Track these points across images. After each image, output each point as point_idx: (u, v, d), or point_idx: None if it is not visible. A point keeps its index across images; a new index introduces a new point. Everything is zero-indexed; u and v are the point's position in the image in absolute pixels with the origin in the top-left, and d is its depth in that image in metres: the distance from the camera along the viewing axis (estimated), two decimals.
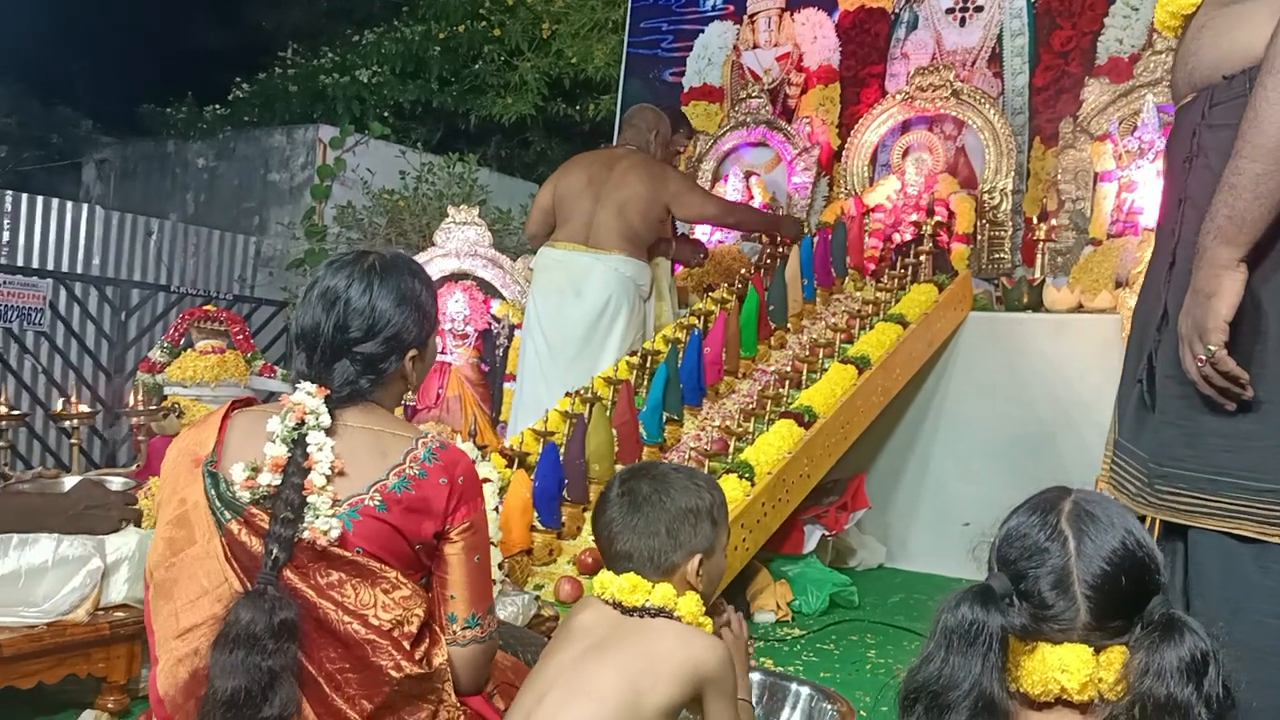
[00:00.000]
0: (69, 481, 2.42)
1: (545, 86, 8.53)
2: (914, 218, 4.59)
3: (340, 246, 6.98)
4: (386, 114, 8.42)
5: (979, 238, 4.68)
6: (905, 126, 5.05)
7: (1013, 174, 4.75)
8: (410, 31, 8.76)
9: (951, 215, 4.59)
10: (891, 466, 4.32)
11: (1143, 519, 1.52)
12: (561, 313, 4.04)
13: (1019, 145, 4.83)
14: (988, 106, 4.82)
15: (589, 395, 3.49)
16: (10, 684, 2.11)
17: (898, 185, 4.81)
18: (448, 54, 8.74)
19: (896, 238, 4.65)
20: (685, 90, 5.97)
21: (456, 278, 5.17)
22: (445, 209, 5.47)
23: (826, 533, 3.66)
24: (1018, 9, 5.07)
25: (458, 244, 5.17)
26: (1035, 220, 4.57)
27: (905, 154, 4.96)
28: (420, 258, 5.20)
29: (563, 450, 3.24)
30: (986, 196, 4.74)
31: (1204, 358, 1.41)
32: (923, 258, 4.33)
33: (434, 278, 5.16)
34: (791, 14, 5.66)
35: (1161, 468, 1.51)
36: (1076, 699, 1.12)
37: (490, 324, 5.14)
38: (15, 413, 3.53)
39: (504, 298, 5.10)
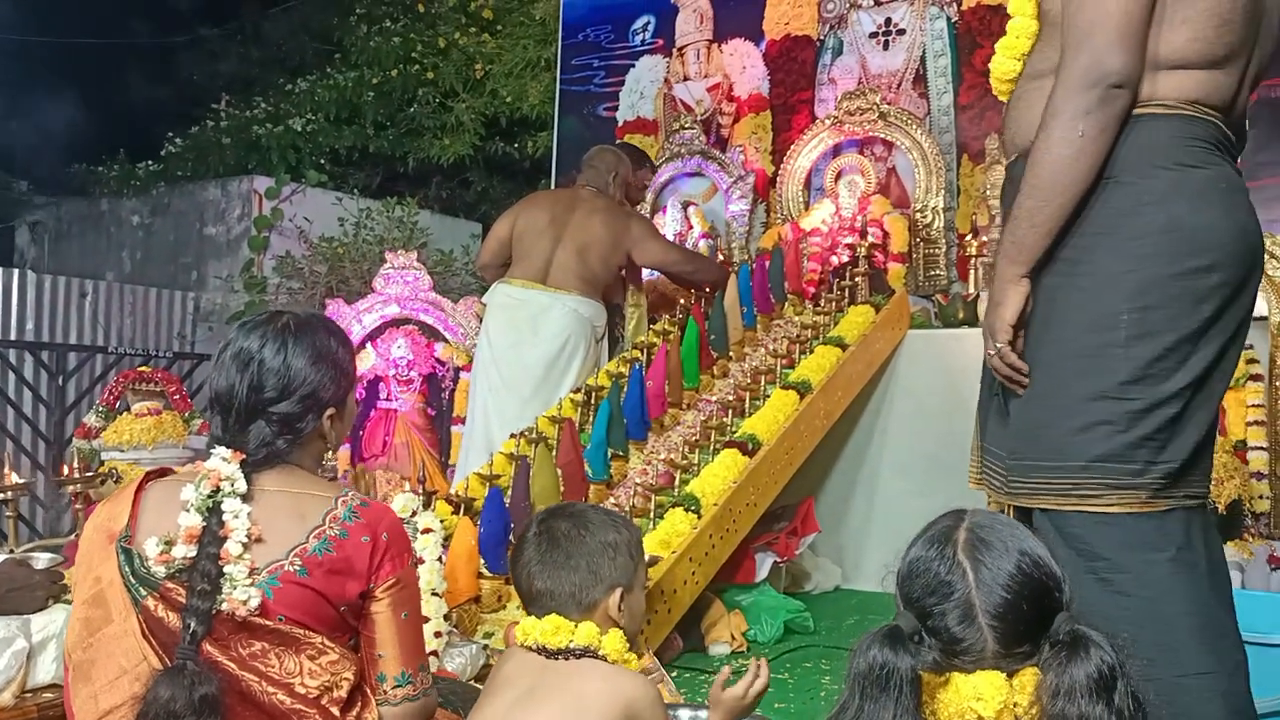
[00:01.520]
0: None
1: (482, 126, 8.55)
2: (849, 240, 4.64)
3: (281, 297, 6.90)
4: (323, 161, 8.37)
5: (914, 256, 4.74)
6: (836, 150, 5.10)
7: (943, 192, 4.82)
8: (343, 78, 8.73)
9: (886, 235, 4.62)
10: (840, 488, 4.33)
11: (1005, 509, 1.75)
12: (518, 351, 4.02)
13: (948, 164, 4.91)
14: (915, 127, 4.90)
15: (534, 436, 3.47)
16: None
17: (832, 209, 4.86)
18: (382, 99, 8.73)
19: (834, 260, 4.69)
20: (619, 125, 6.01)
21: (398, 323, 5.13)
22: (385, 254, 5.45)
23: (778, 559, 3.64)
24: (939, 30, 5.17)
25: (398, 289, 5.14)
26: (967, 236, 4.64)
27: (838, 177, 5.01)
28: (360, 305, 5.17)
29: (508, 494, 3.21)
30: (919, 215, 4.80)
31: (993, 352, 1.75)
32: (859, 279, 4.37)
33: (375, 324, 5.13)
34: (719, 45, 5.73)
35: (1011, 461, 1.76)
36: None
37: (435, 368, 5.11)
38: None
39: (448, 341, 5.07)
